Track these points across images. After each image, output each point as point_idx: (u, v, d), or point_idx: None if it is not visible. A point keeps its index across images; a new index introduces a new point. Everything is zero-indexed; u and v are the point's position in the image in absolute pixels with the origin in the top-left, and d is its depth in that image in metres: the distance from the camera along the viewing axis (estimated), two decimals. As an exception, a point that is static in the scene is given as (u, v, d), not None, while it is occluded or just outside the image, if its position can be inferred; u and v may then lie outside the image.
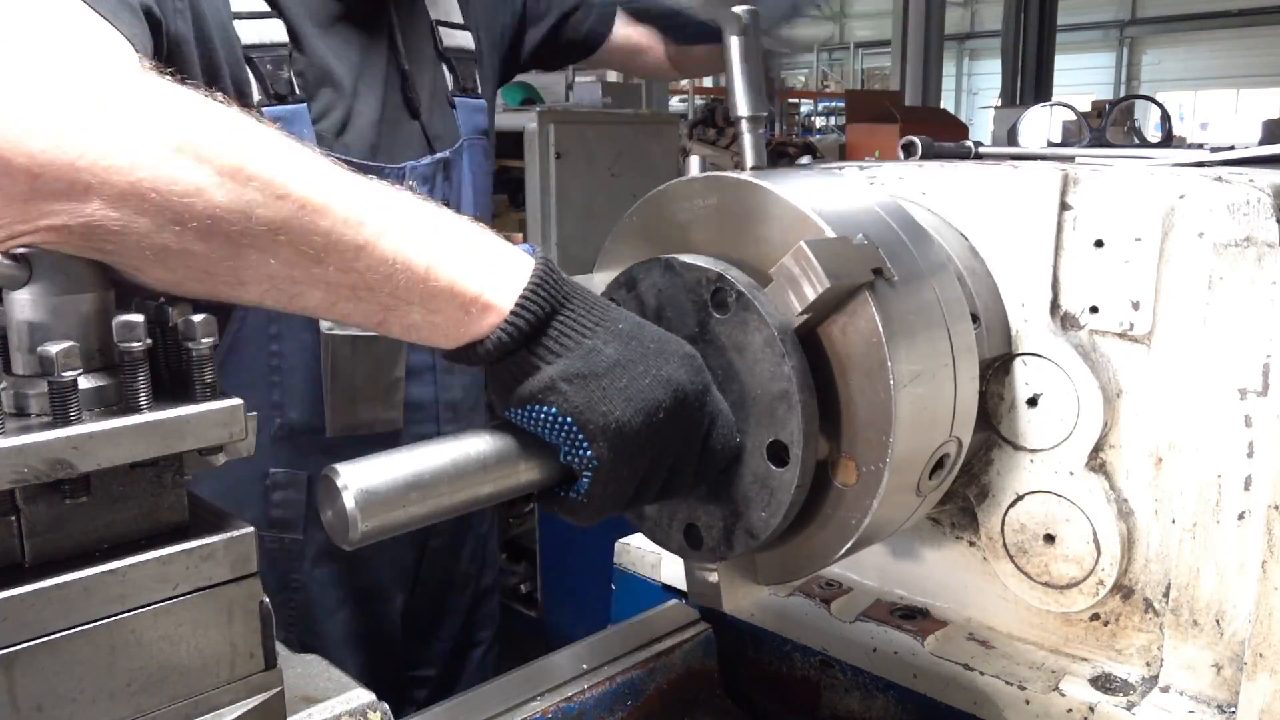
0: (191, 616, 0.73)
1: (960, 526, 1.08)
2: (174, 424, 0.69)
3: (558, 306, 0.73)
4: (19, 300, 0.70)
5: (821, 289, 0.75)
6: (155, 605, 0.72)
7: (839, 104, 23.66)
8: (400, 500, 0.68)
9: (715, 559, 0.86)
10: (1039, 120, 1.41)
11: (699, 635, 1.24)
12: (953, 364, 0.82)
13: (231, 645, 0.75)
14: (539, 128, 4.63)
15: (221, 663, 0.75)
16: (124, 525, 0.71)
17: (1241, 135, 2.16)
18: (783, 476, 0.78)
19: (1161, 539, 0.96)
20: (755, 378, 0.79)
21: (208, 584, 0.73)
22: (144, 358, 0.69)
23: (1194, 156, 1.11)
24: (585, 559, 4.76)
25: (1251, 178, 0.90)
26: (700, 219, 0.87)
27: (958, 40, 28.60)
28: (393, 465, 0.68)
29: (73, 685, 0.68)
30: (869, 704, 1.12)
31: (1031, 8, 16.25)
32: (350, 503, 0.65)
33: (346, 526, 0.66)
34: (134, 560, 0.70)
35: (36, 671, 0.66)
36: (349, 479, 0.66)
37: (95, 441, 0.66)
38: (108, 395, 0.69)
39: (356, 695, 0.86)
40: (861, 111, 10.66)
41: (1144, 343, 0.95)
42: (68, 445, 0.65)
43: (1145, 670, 0.99)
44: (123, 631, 0.71)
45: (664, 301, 0.85)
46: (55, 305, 0.71)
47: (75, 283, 0.71)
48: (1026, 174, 1.00)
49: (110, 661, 0.70)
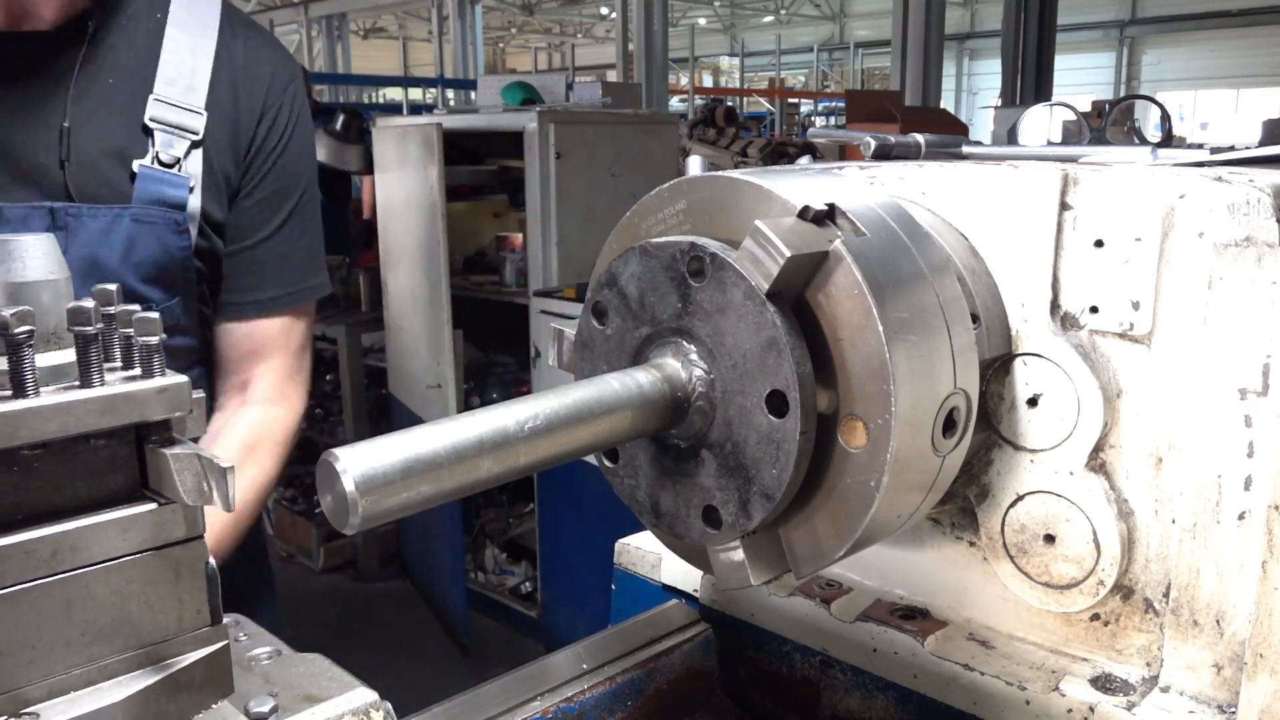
0: (142, 574, 0.79)
1: (960, 526, 1.08)
2: (124, 398, 0.76)
3: None
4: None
5: (783, 260, 0.75)
6: (108, 563, 0.78)
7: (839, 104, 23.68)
8: (400, 482, 0.67)
9: (738, 533, 0.86)
10: (1039, 120, 1.42)
11: (699, 635, 1.24)
12: (943, 316, 0.83)
13: (180, 601, 0.82)
14: (539, 128, 4.64)
15: (170, 617, 0.81)
16: (80, 490, 0.77)
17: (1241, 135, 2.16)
18: (785, 426, 0.78)
19: (1161, 539, 0.96)
20: (743, 334, 0.80)
21: (158, 544, 0.79)
22: (96, 339, 0.75)
23: (1194, 156, 1.11)
24: (585, 559, 4.78)
25: (1251, 178, 0.90)
26: (699, 219, 0.87)
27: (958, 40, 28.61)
28: (392, 447, 0.68)
29: (31, 634, 0.75)
30: (869, 704, 1.12)
31: (1031, 8, 16.24)
32: (349, 486, 0.65)
33: (346, 511, 0.66)
34: (89, 521, 0.77)
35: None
36: (348, 463, 0.65)
37: (51, 412, 0.73)
38: (67, 373, 0.77)
39: (360, 694, 0.89)
40: (861, 111, 10.66)
41: (1144, 343, 0.95)
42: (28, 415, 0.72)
43: (1145, 670, 0.99)
44: (78, 586, 0.77)
45: (644, 288, 0.86)
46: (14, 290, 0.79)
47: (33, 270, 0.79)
48: (1026, 174, 1.00)
49: (66, 613, 0.76)
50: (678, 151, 5.60)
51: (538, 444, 0.75)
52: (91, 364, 0.76)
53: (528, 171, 4.73)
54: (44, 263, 0.81)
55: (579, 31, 35.76)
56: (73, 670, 0.78)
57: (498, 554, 5.96)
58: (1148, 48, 27.39)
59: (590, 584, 4.61)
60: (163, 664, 0.82)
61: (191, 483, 0.76)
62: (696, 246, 0.81)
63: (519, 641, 5.47)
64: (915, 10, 14.21)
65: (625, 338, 0.90)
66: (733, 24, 34.76)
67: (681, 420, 0.85)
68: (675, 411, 0.84)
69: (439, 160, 4.62)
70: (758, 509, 0.82)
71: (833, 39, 33.22)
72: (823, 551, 0.86)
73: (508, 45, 38.25)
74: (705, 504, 0.86)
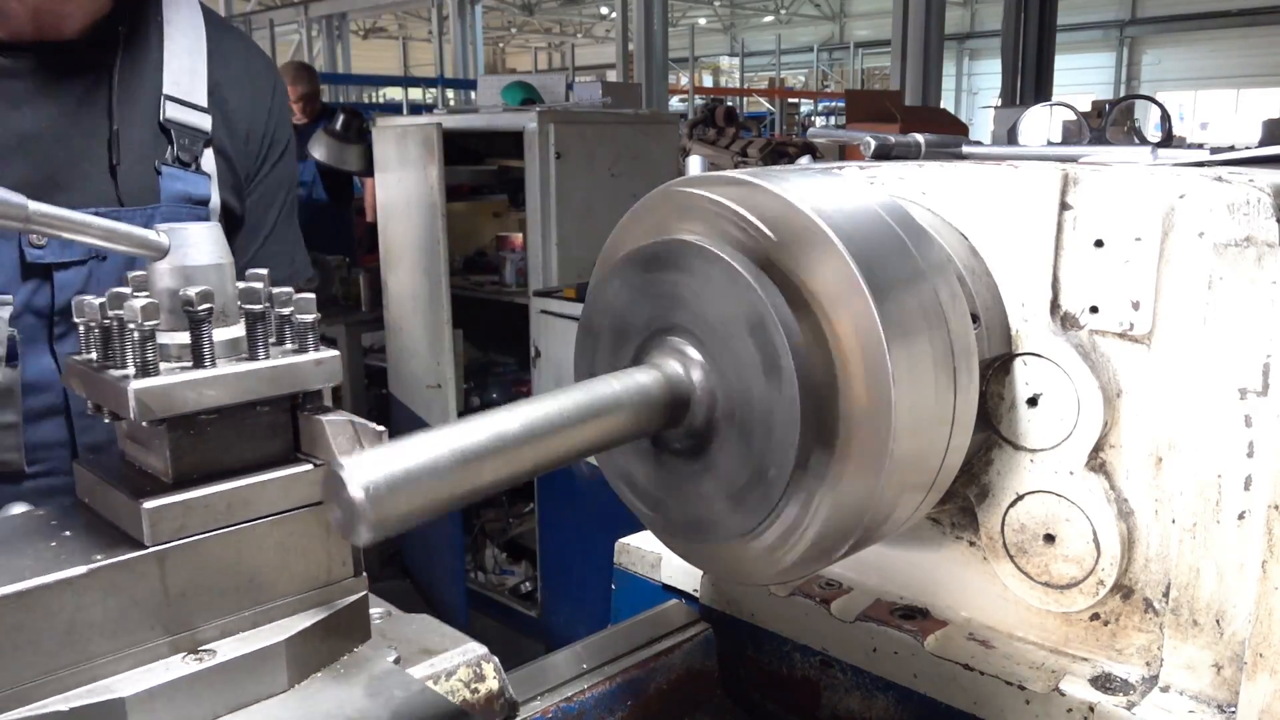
0: (300, 528, 0.90)
1: (960, 526, 1.08)
2: (286, 369, 0.87)
3: None
4: (160, 270, 0.89)
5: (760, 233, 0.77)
6: (272, 518, 0.89)
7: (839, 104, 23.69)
8: (410, 492, 0.66)
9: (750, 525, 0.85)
10: (1039, 120, 1.42)
11: (699, 635, 1.24)
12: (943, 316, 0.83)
13: (329, 553, 0.92)
14: (539, 128, 4.63)
15: (321, 568, 0.92)
16: (246, 452, 0.88)
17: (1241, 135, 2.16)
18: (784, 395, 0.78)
19: (1161, 539, 0.96)
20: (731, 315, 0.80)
21: (313, 502, 0.89)
22: (262, 316, 0.87)
23: (1194, 156, 1.11)
24: (585, 559, 4.78)
25: (1251, 178, 0.90)
26: (698, 219, 0.87)
27: (958, 40, 28.61)
28: (399, 456, 0.67)
29: (208, 579, 0.85)
30: (869, 704, 1.12)
31: (1031, 8, 16.23)
32: (359, 496, 0.64)
33: (356, 524, 0.65)
34: (257, 479, 0.87)
35: (181, 566, 0.84)
36: (355, 474, 0.65)
37: (226, 381, 0.84)
38: (238, 346, 0.88)
39: (471, 648, 1.00)
40: (861, 111, 10.66)
41: (1144, 343, 0.95)
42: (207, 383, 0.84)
43: (1145, 670, 0.99)
44: (247, 538, 0.87)
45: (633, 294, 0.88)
46: (188, 273, 0.89)
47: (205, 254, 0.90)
48: (1026, 174, 1.00)
49: (237, 562, 0.87)
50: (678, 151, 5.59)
51: (542, 446, 0.74)
52: (258, 339, 0.86)
53: (528, 171, 4.73)
54: (212, 248, 0.91)
55: (579, 31, 35.76)
56: (242, 613, 0.88)
57: (498, 554, 5.95)
58: (1148, 48, 27.39)
59: (590, 584, 4.61)
60: (316, 609, 0.92)
61: (346, 445, 0.86)
62: (674, 241, 0.82)
63: (519, 641, 5.47)
64: (915, 10, 14.20)
65: (620, 351, 0.90)
66: (733, 24, 34.77)
67: (683, 417, 0.85)
68: (676, 409, 0.84)
69: (439, 160, 4.62)
70: (767, 495, 0.82)
71: (833, 39, 33.22)
72: (823, 550, 0.86)
73: (508, 45, 38.25)
74: (711, 501, 0.86)
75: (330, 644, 0.92)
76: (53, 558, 0.81)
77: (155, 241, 0.88)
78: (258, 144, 1.69)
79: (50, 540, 0.84)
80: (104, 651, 0.81)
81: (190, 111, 1.56)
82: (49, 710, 0.78)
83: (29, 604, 0.77)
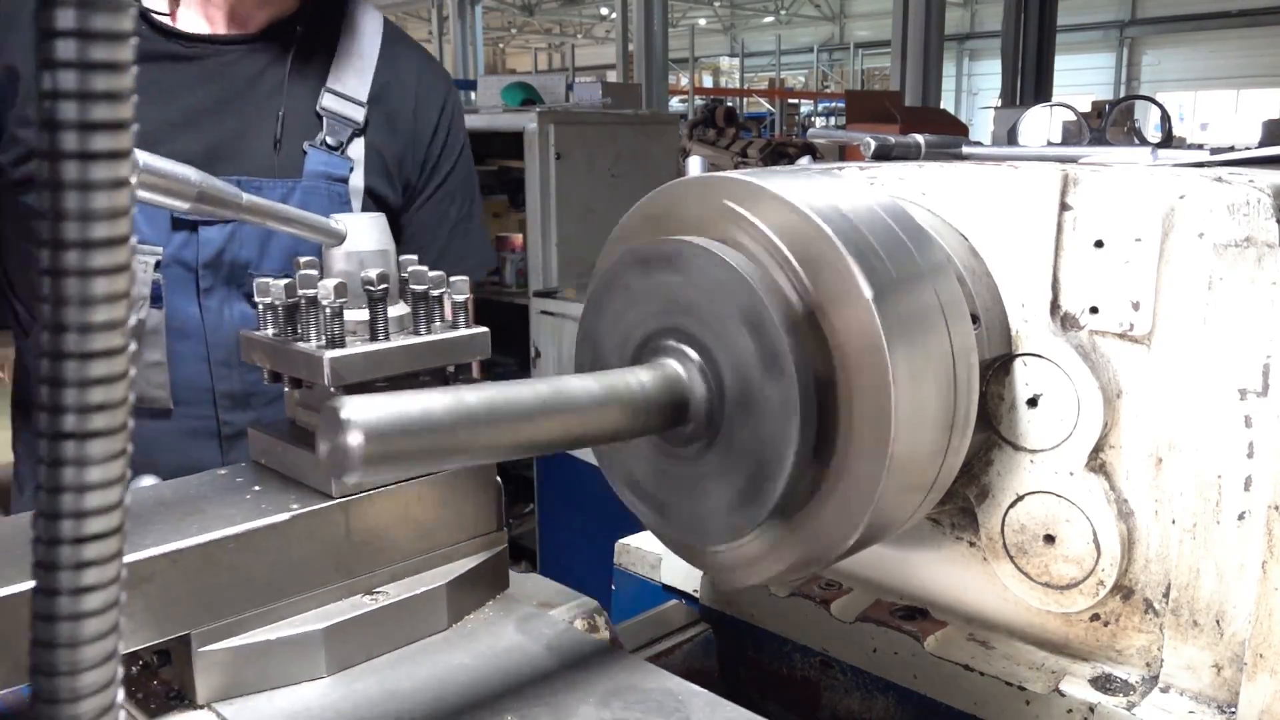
0: (456, 485, 1.03)
1: (960, 526, 1.08)
2: (446, 343, 0.99)
3: None
4: (336, 254, 1.00)
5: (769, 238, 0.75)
6: (433, 475, 1.00)
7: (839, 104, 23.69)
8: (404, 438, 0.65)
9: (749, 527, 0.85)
10: (1039, 121, 1.42)
11: (699, 635, 1.24)
12: (943, 316, 0.82)
13: (477, 509, 1.05)
14: (539, 128, 4.63)
15: (471, 521, 1.05)
16: None
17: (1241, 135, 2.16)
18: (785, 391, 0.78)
19: (1161, 539, 0.96)
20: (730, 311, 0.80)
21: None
22: (425, 296, 0.97)
23: (1194, 157, 1.11)
24: (585, 559, 4.77)
25: (1251, 178, 0.90)
26: (697, 219, 0.87)
27: (958, 40, 28.61)
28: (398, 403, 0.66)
29: (382, 529, 0.97)
30: (869, 704, 1.12)
31: (1031, 8, 16.24)
32: (356, 438, 0.62)
33: (345, 463, 0.64)
34: None
35: (361, 516, 0.96)
36: (353, 412, 0.63)
37: (399, 353, 0.95)
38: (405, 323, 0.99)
39: (585, 602, 1.11)
40: (861, 112, 10.67)
41: (1144, 343, 0.95)
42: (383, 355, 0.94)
43: (1145, 670, 0.99)
44: (413, 493, 0.99)
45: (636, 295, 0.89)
46: (362, 257, 1.00)
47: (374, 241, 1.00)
48: (1026, 174, 1.00)
49: (405, 515, 0.99)
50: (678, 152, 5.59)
51: (539, 423, 0.74)
52: (421, 316, 0.97)
53: (528, 172, 4.72)
54: (380, 235, 1.01)
55: (579, 32, 35.76)
56: (408, 560, 1.00)
57: (498, 554, 5.95)
58: (1148, 48, 27.39)
59: (590, 584, 4.60)
60: (468, 558, 1.03)
61: None
62: (674, 241, 0.83)
63: (519, 642, 5.45)
64: (915, 10, 14.20)
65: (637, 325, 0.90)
66: (733, 24, 34.76)
67: (684, 418, 0.85)
68: (677, 409, 0.84)
69: (439, 160, 4.61)
70: (767, 495, 0.82)
71: (833, 39, 33.22)
72: (823, 550, 0.86)
73: (508, 45, 38.25)
74: (711, 501, 0.86)
75: (479, 591, 1.04)
76: (253, 507, 0.93)
77: (336, 230, 1.00)
78: (424, 150, 1.86)
79: (243, 494, 0.96)
80: (299, 589, 0.93)
81: (345, 103, 1.74)
82: (258, 639, 0.89)
83: (243, 545, 0.89)
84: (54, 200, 0.36)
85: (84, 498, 0.38)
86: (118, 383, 0.38)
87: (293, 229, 1.00)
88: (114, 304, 0.37)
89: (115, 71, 0.36)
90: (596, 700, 0.88)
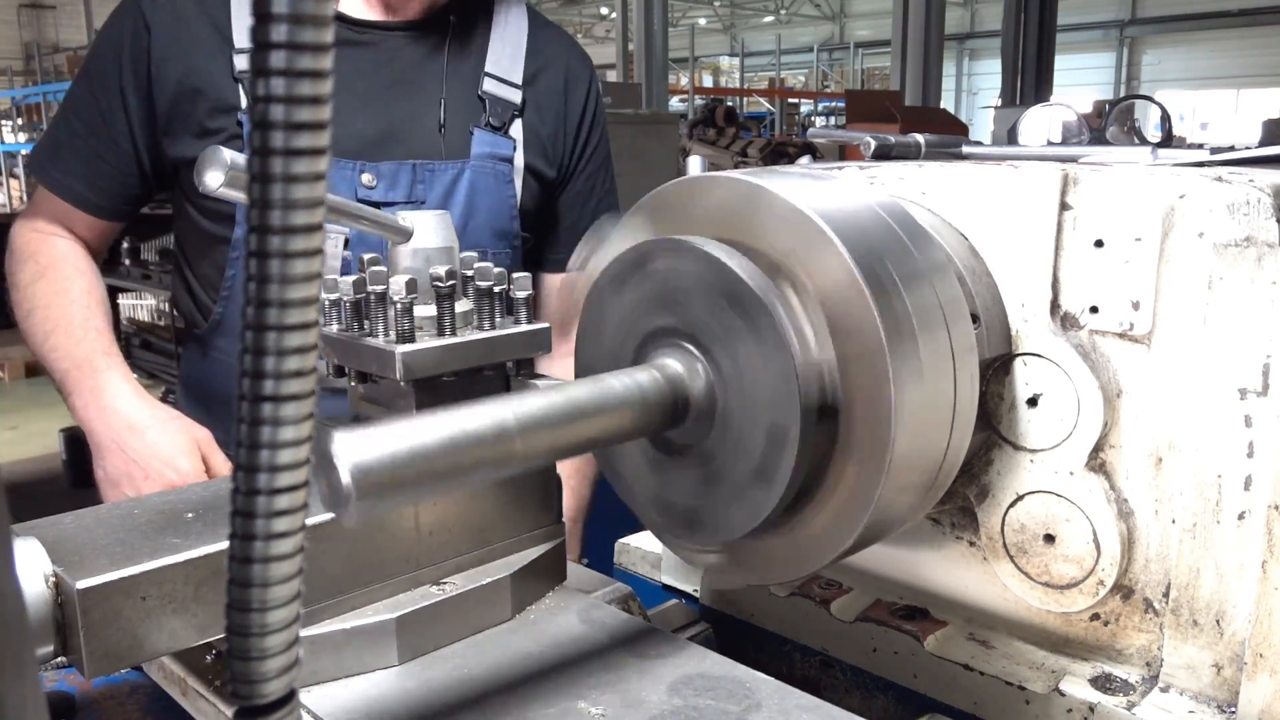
0: (519, 480, 1.04)
1: (960, 526, 1.08)
2: (508, 339, 0.99)
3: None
4: (403, 251, 1.01)
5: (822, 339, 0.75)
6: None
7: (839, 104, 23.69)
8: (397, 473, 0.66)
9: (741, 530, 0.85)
10: (1039, 120, 1.41)
11: (699, 635, 1.24)
12: (943, 316, 0.82)
13: (536, 502, 1.07)
14: (539, 128, 4.62)
15: (531, 514, 1.07)
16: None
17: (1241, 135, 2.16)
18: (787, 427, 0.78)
19: (1161, 539, 0.96)
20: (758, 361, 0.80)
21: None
22: (489, 292, 0.98)
23: (1194, 156, 1.11)
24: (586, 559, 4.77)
25: (1251, 178, 0.90)
26: (699, 219, 0.87)
27: (958, 40, 28.62)
28: (390, 436, 0.66)
29: (448, 520, 1.00)
30: (869, 704, 1.12)
31: (1031, 8, 16.25)
32: (346, 477, 0.63)
33: (341, 501, 0.64)
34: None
35: (429, 509, 0.98)
36: (343, 449, 0.63)
37: (464, 347, 0.96)
38: (470, 318, 0.99)
39: (618, 587, 1.15)
40: (861, 111, 10.67)
41: (1144, 343, 0.95)
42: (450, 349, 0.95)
43: (1145, 670, 0.99)
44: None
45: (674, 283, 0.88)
46: (428, 254, 1.01)
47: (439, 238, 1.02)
48: (1026, 174, 1.00)
49: (470, 507, 1.01)
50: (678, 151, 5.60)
51: (534, 439, 0.74)
52: (485, 312, 0.98)
53: (528, 171, 4.72)
54: (445, 233, 1.02)
55: (579, 31, 35.74)
56: (473, 551, 1.02)
57: (498, 554, 5.95)
58: (1148, 48, 27.40)
59: (590, 584, 4.60)
60: (529, 550, 1.05)
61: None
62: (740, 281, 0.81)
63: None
64: (915, 10, 14.21)
65: (637, 322, 0.90)
66: (733, 24, 34.78)
67: (683, 417, 0.85)
68: (676, 408, 0.84)
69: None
70: (767, 495, 0.82)
71: (833, 39, 33.23)
72: (821, 551, 0.86)
73: (508, 45, 38.22)
74: (712, 500, 0.86)
75: (540, 582, 1.06)
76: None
77: (403, 227, 1.01)
78: (575, 127, 1.95)
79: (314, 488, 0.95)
80: (371, 580, 0.95)
81: (504, 87, 1.84)
82: (333, 629, 0.91)
83: (319, 535, 0.89)
84: (263, 191, 0.41)
85: (278, 454, 0.45)
86: (309, 353, 0.44)
87: (363, 226, 1.02)
88: (310, 283, 0.43)
89: (318, 79, 0.41)
90: (667, 688, 0.90)
